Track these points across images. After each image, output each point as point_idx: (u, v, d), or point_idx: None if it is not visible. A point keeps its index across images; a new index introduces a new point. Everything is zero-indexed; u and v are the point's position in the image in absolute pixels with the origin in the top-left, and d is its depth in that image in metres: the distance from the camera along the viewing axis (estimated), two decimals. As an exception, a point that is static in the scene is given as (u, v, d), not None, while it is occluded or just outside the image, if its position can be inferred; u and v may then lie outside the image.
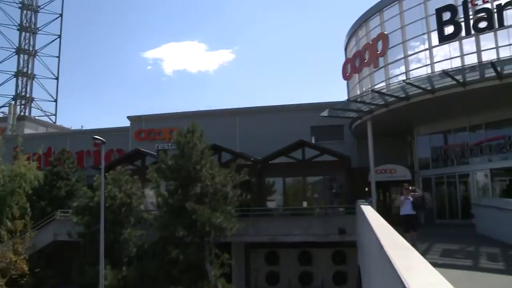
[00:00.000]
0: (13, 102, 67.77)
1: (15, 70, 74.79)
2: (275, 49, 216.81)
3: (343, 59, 35.50)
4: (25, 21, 76.90)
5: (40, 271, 28.93)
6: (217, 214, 23.12)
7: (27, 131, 55.89)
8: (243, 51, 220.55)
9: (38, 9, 78.90)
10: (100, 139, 24.00)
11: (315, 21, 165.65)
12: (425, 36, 27.06)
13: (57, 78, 79.55)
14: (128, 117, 42.18)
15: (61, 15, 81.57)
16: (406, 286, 3.03)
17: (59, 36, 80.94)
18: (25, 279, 28.09)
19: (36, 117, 69.59)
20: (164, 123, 40.32)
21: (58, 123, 74.18)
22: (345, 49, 36.05)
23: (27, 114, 70.65)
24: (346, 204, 28.91)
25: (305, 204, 30.33)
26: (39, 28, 78.98)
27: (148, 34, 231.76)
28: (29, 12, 77.64)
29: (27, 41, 76.99)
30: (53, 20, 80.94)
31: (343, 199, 30.23)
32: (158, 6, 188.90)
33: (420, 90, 23.75)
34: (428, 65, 26.81)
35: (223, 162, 29.84)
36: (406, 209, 16.35)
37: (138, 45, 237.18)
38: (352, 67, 33.02)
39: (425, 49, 27.16)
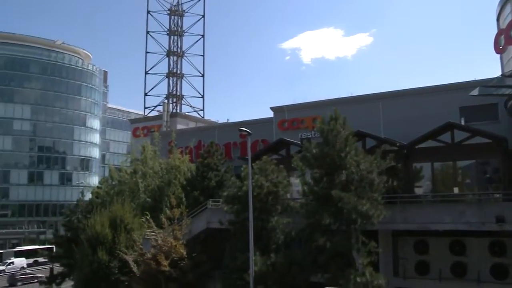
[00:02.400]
0: (166, 101, 73.38)
1: (167, 71, 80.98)
2: (416, 28, 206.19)
3: (494, 31, 32.70)
4: (173, 26, 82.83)
5: (196, 255, 31.05)
6: (363, 201, 22.77)
7: (179, 126, 60.25)
8: (382, 33, 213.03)
9: (184, 13, 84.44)
10: (246, 131, 25.01)
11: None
12: None
13: (203, 76, 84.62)
14: (271, 108, 43.24)
15: (203, 16, 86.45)
16: None
17: (203, 36, 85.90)
18: (184, 262, 30.33)
19: (187, 113, 74.77)
20: (306, 112, 40.60)
21: (206, 117, 79.03)
22: (497, 19, 33.03)
23: (178, 111, 76.17)
24: (502, 190, 26.67)
25: (456, 190, 28.53)
26: (185, 31, 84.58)
27: (284, 26, 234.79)
28: (175, 17, 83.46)
29: (175, 43, 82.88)
30: (196, 22, 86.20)
31: (500, 184, 27.86)
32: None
33: None
34: None
35: (367, 148, 29.26)
36: None
37: (275, 37, 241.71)
38: (507, 37, 30.16)
39: None
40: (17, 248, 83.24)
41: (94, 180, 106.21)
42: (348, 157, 23.75)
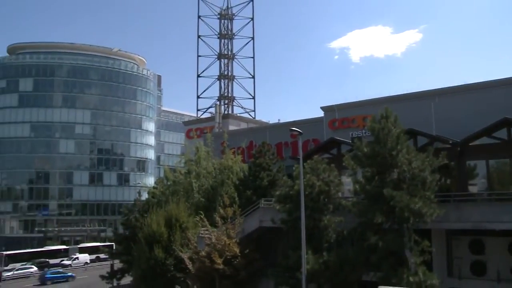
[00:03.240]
0: (218, 103, 74.58)
1: (218, 73, 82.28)
2: (468, 22, 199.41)
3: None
4: (223, 29, 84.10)
5: (249, 253, 31.57)
6: (415, 200, 22.57)
7: (231, 127, 61.11)
8: (432, 29, 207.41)
9: (233, 16, 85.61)
10: (297, 131, 25.29)
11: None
12: None
13: (253, 77, 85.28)
14: (322, 108, 43.24)
15: (252, 19, 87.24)
16: None
17: (252, 38, 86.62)
18: (237, 260, 30.93)
19: (238, 114, 75.72)
20: (357, 110, 40.38)
21: (257, 118, 79.62)
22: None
23: (230, 112, 77.20)
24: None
25: (514, 188, 27.68)
26: (235, 34, 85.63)
27: (332, 25, 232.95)
28: (225, 21, 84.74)
29: (225, 46, 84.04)
30: (245, 25, 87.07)
31: None
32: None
33: None
34: None
35: (419, 146, 28.88)
36: None
37: (323, 37, 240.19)
38: None
39: None
40: (81, 245, 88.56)
41: (150, 181, 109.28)
42: (400, 156, 23.61)
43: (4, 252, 75.54)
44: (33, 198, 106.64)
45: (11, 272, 66.64)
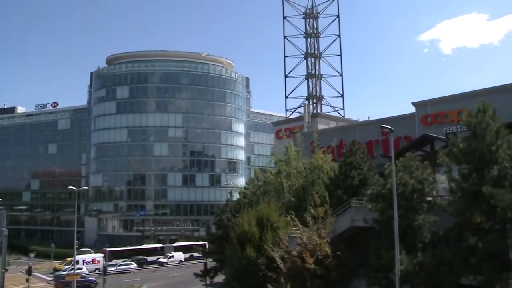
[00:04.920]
0: (306, 102, 74.54)
1: (305, 73, 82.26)
2: None
3: None
4: (309, 29, 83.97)
5: (340, 253, 31.25)
6: (519, 198, 21.19)
7: (320, 126, 60.85)
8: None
9: (318, 15, 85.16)
10: (388, 128, 24.68)
11: None
12: None
13: (341, 75, 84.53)
14: (413, 103, 41.92)
15: (337, 16, 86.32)
16: None
17: (339, 36, 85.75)
18: (328, 260, 30.66)
19: (327, 113, 75.23)
20: (451, 105, 38.66)
21: (346, 116, 78.78)
22: None
23: (319, 111, 76.91)
24: None
25: None
26: (321, 32, 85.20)
27: (420, 17, 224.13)
28: (311, 20, 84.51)
29: (312, 45, 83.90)
30: (331, 23, 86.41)
31: None
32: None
33: None
34: None
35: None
36: None
37: (411, 30, 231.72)
38: None
39: None
40: (176, 244, 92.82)
41: (241, 181, 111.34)
42: (500, 151, 22.28)
43: (108, 249, 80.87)
44: (131, 199, 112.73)
45: (115, 267, 71.19)
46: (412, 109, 42.03)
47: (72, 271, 52.90)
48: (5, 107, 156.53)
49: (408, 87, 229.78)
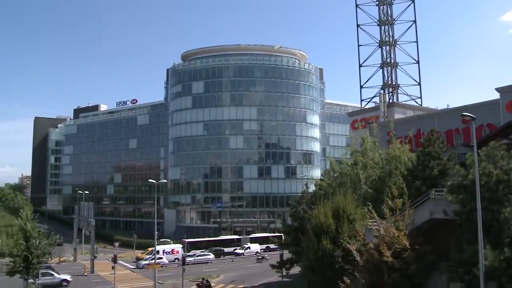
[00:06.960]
0: (382, 91, 72.85)
1: (380, 62, 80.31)
2: None
3: None
4: (382, 16, 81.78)
5: (419, 246, 30.31)
6: None
7: (397, 116, 59.39)
8: None
9: (392, 1, 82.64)
10: (470, 116, 23.61)
11: None
12: None
13: (417, 62, 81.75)
14: (497, 89, 39.81)
15: (413, 1, 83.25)
16: None
17: (414, 22, 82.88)
18: (406, 253, 29.88)
19: (403, 102, 73.15)
20: (540, 90, 36.41)
21: (424, 105, 76.26)
22: None
23: (395, 100, 74.94)
24: None
25: None
26: (395, 19, 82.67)
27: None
28: (384, 6, 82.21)
29: (386, 33, 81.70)
30: (406, 8, 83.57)
31: None
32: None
33: None
34: None
35: None
36: None
37: (494, 10, 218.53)
38: None
39: None
40: (252, 235, 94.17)
41: (316, 173, 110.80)
42: None
43: (186, 240, 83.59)
44: (208, 191, 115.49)
45: (193, 258, 73.63)
46: (496, 95, 39.93)
47: (153, 261, 55.10)
48: (90, 105, 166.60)
49: (491, 72, 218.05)
